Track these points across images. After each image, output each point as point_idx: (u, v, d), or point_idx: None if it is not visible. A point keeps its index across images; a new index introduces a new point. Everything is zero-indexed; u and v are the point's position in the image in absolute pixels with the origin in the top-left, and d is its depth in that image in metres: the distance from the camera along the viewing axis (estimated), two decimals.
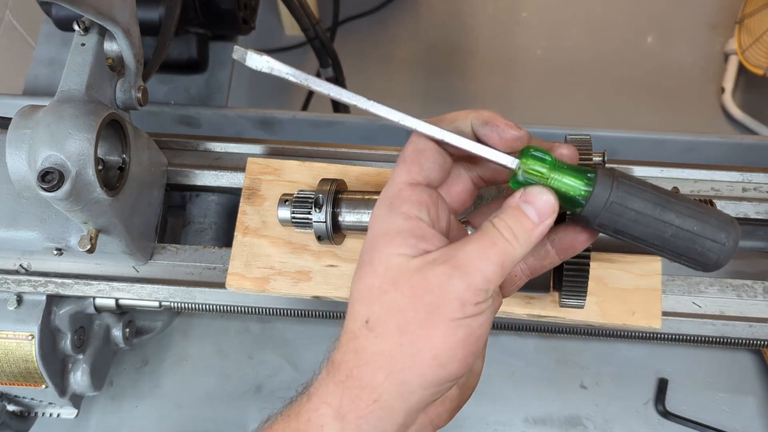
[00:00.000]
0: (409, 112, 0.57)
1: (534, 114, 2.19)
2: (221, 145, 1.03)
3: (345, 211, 0.82)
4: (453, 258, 0.49)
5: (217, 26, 1.27)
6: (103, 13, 0.74)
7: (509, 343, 1.17)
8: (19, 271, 0.93)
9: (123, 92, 0.85)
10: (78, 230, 0.86)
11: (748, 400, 1.12)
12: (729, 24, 2.24)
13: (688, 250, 0.53)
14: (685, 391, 1.13)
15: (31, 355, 0.91)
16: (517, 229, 0.51)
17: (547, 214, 0.52)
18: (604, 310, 0.84)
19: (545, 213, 0.52)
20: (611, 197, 0.52)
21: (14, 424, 1.03)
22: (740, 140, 1.25)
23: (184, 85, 1.32)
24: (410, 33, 2.35)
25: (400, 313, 0.49)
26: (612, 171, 0.53)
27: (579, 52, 2.28)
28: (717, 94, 2.17)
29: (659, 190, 0.54)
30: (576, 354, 1.16)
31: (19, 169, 0.75)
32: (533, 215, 0.51)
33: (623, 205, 0.52)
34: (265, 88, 2.22)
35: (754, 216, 0.93)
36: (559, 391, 1.14)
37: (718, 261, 0.53)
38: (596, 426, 1.12)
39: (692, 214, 0.53)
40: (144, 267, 0.95)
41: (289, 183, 0.93)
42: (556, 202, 0.52)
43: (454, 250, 0.50)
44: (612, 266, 0.86)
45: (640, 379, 1.14)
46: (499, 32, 2.34)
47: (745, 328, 0.87)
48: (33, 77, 1.31)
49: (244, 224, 0.91)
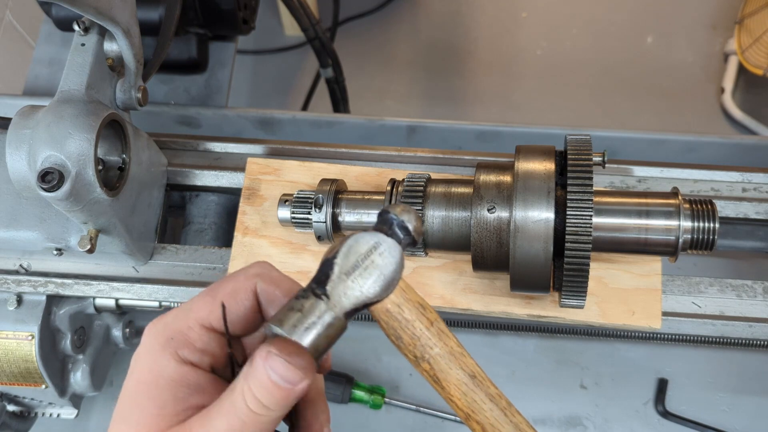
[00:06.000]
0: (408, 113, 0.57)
1: (534, 114, 2.19)
2: (221, 145, 1.03)
3: (345, 211, 0.82)
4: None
5: (217, 26, 1.27)
6: (103, 13, 0.74)
7: (509, 343, 1.17)
8: (19, 271, 0.93)
9: (123, 92, 0.85)
10: (78, 230, 0.86)
11: (748, 400, 1.12)
12: (729, 24, 2.24)
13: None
14: (685, 391, 1.13)
15: (31, 355, 0.91)
16: (266, 399, 0.43)
17: (299, 379, 0.43)
18: (604, 310, 0.84)
19: (296, 379, 0.43)
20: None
21: (14, 424, 1.03)
22: (740, 140, 1.25)
23: (184, 85, 1.32)
24: (410, 33, 2.35)
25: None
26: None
27: (579, 52, 2.28)
28: (717, 94, 2.17)
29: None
30: (576, 354, 1.16)
31: (19, 169, 0.75)
32: (282, 383, 0.43)
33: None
34: (265, 89, 2.23)
35: (754, 216, 0.93)
36: (559, 391, 1.15)
37: None
38: (596, 426, 1.12)
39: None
40: (144, 267, 0.95)
41: (288, 183, 0.93)
42: (307, 361, 0.44)
43: (205, 428, 0.44)
44: (612, 266, 0.86)
45: (640, 379, 1.14)
46: (498, 32, 2.34)
47: (744, 328, 0.87)
48: (33, 77, 1.31)
49: (244, 224, 0.91)
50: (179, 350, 0.46)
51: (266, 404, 0.43)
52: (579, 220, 0.68)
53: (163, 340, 0.47)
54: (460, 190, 0.78)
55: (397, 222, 0.48)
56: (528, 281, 0.73)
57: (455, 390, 0.54)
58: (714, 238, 0.73)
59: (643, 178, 0.96)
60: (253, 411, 0.43)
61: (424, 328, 0.53)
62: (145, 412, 0.45)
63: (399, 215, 0.49)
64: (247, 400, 0.43)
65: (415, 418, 1.14)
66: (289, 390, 0.43)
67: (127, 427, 0.45)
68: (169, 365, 0.46)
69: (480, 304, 0.86)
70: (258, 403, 0.43)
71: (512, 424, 0.54)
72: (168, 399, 0.45)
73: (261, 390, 0.43)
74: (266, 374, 0.43)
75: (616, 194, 0.76)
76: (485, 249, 0.75)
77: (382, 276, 0.48)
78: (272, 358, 0.43)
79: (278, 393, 0.43)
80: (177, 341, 0.47)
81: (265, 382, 0.43)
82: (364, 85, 2.12)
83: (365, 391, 1.14)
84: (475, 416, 0.54)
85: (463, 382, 0.54)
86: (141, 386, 0.46)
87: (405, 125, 1.27)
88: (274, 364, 0.43)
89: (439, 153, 0.99)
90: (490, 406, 0.54)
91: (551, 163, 0.72)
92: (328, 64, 1.50)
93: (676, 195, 0.74)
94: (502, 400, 0.54)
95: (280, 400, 0.44)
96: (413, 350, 0.54)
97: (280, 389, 0.43)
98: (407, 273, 0.87)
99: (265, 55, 2.26)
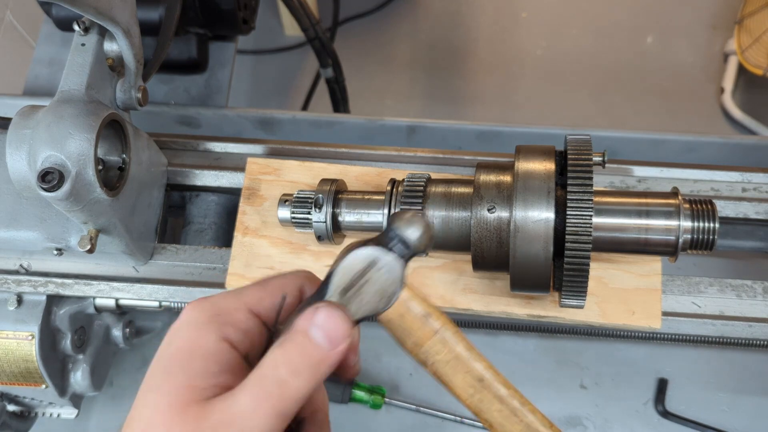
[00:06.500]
0: (408, 113, 0.57)
1: (534, 114, 2.19)
2: (221, 145, 1.03)
3: (345, 211, 0.82)
4: (225, 413, 0.42)
5: (217, 26, 1.27)
6: (103, 13, 0.74)
7: (509, 343, 1.17)
8: (19, 271, 0.93)
9: (123, 92, 0.85)
10: (78, 230, 0.86)
11: (748, 400, 1.12)
12: (729, 24, 2.24)
13: None
14: (685, 391, 1.13)
15: (31, 355, 0.91)
16: (301, 362, 0.43)
17: (340, 338, 0.44)
18: (604, 310, 0.84)
19: (338, 337, 0.44)
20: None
21: (14, 424, 1.03)
22: (740, 140, 1.25)
23: (184, 85, 1.32)
24: (410, 33, 2.35)
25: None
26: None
27: (579, 52, 2.28)
28: (717, 94, 2.17)
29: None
30: (576, 354, 1.16)
31: (19, 169, 0.75)
32: (323, 341, 0.44)
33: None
34: (265, 89, 2.23)
35: (754, 216, 0.93)
36: (559, 391, 1.14)
37: None
38: (596, 426, 1.12)
39: None
40: (144, 267, 0.95)
41: (288, 183, 0.93)
42: (350, 324, 0.45)
43: (228, 402, 0.43)
44: (612, 266, 0.86)
45: (640, 379, 1.14)
46: (498, 32, 2.34)
47: (744, 328, 0.87)
48: (33, 77, 1.31)
49: (244, 224, 0.91)
50: (223, 327, 0.46)
51: (299, 368, 0.43)
52: (579, 220, 0.68)
53: (208, 315, 0.47)
54: (460, 190, 0.78)
55: (399, 237, 0.48)
56: (528, 281, 0.73)
57: (461, 392, 0.54)
58: (714, 238, 0.73)
59: (643, 178, 0.96)
60: (282, 379, 0.43)
61: (427, 337, 0.53)
62: (176, 383, 0.44)
63: (401, 228, 0.48)
64: (278, 366, 0.43)
65: (415, 418, 1.14)
66: (327, 353, 0.43)
67: (155, 396, 0.44)
68: (210, 338, 0.45)
69: (480, 304, 0.86)
70: (290, 368, 0.43)
71: (523, 424, 0.54)
72: (200, 371, 0.44)
73: (297, 351, 0.43)
74: (308, 331, 0.43)
75: (616, 194, 0.76)
76: (485, 249, 0.75)
77: (379, 292, 0.48)
78: (319, 312, 0.43)
79: (316, 354, 0.43)
80: (223, 318, 0.46)
81: (304, 343, 0.43)
82: (364, 85, 2.12)
83: (365, 391, 1.14)
84: (483, 415, 0.54)
85: (469, 385, 0.54)
86: (177, 355, 0.45)
87: (405, 125, 1.27)
88: (319, 318, 0.43)
89: (439, 153, 0.99)
90: (498, 407, 0.54)
91: (551, 163, 0.72)
92: (328, 64, 1.50)
93: (676, 195, 0.74)
94: (513, 400, 0.55)
95: (315, 365, 0.43)
96: (416, 356, 0.54)
97: (318, 349, 0.43)
98: (407, 273, 0.87)
99: (265, 55, 2.26)
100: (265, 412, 0.42)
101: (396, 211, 0.50)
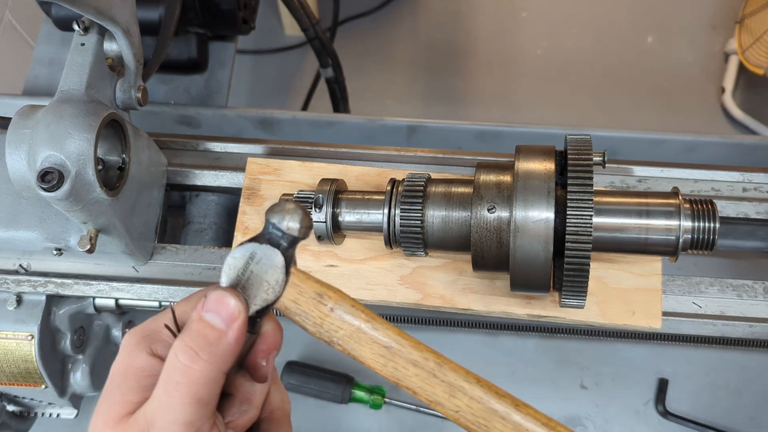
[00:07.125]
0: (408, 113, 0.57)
1: (534, 114, 2.19)
2: (221, 145, 1.02)
3: (345, 211, 0.82)
4: (148, 415, 0.46)
5: (217, 26, 1.27)
6: (102, 13, 0.74)
7: (509, 343, 1.17)
8: (19, 271, 0.93)
9: (123, 92, 0.85)
10: (78, 230, 0.86)
11: (748, 400, 1.12)
12: (729, 24, 2.24)
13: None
14: (685, 391, 1.13)
15: (30, 355, 0.91)
16: (198, 345, 0.46)
17: (233, 314, 0.47)
18: (604, 310, 0.84)
19: (229, 313, 0.47)
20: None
21: (14, 424, 1.03)
22: (740, 140, 1.25)
23: (184, 85, 1.32)
24: (410, 33, 2.35)
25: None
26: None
27: (579, 52, 2.28)
28: (717, 94, 2.17)
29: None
30: (576, 354, 1.16)
31: (18, 169, 0.75)
32: (215, 320, 0.47)
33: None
34: (265, 89, 2.23)
35: (754, 216, 0.93)
36: (559, 391, 1.14)
37: None
38: (596, 426, 1.12)
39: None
40: (144, 267, 0.95)
41: (289, 183, 0.93)
42: (241, 302, 0.48)
43: (149, 404, 0.47)
44: (612, 266, 0.86)
45: (640, 379, 1.14)
46: (498, 32, 2.34)
47: (745, 328, 0.87)
48: (33, 77, 1.31)
49: (244, 224, 0.91)
50: (152, 345, 0.50)
51: (197, 352, 0.46)
52: (579, 220, 0.68)
53: (138, 338, 0.51)
54: (460, 190, 0.78)
55: (273, 226, 0.50)
56: (528, 281, 0.73)
57: (374, 363, 0.54)
58: (714, 238, 0.73)
59: (644, 178, 0.96)
60: (184, 366, 0.46)
61: (324, 315, 0.54)
62: (112, 400, 0.48)
63: (274, 218, 0.50)
64: (178, 354, 0.46)
65: (415, 418, 1.14)
66: (222, 330, 0.47)
67: (96, 417, 0.49)
68: (140, 356, 0.49)
69: (480, 304, 0.86)
70: (188, 352, 0.46)
71: (444, 384, 0.53)
72: (133, 386, 0.48)
73: (192, 336, 0.46)
74: (201, 315, 0.47)
75: (616, 194, 0.76)
76: (485, 249, 0.75)
77: (263, 283, 0.50)
78: (208, 296, 0.47)
79: (211, 334, 0.46)
80: (151, 337, 0.50)
81: (198, 327, 0.47)
82: (364, 85, 2.12)
83: (365, 391, 1.14)
84: (402, 383, 0.54)
85: (378, 354, 0.54)
86: (114, 377, 0.50)
87: (405, 125, 1.27)
88: (209, 302, 0.47)
89: (439, 153, 0.99)
90: (414, 371, 0.53)
91: (551, 163, 0.72)
92: (328, 64, 1.50)
93: (677, 195, 0.74)
94: (428, 362, 0.53)
95: (212, 344, 0.46)
96: (321, 337, 0.54)
97: (212, 329, 0.47)
98: (407, 273, 0.87)
99: (265, 55, 2.26)
100: (179, 401, 0.45)
101: (268, 208, 0.52)
